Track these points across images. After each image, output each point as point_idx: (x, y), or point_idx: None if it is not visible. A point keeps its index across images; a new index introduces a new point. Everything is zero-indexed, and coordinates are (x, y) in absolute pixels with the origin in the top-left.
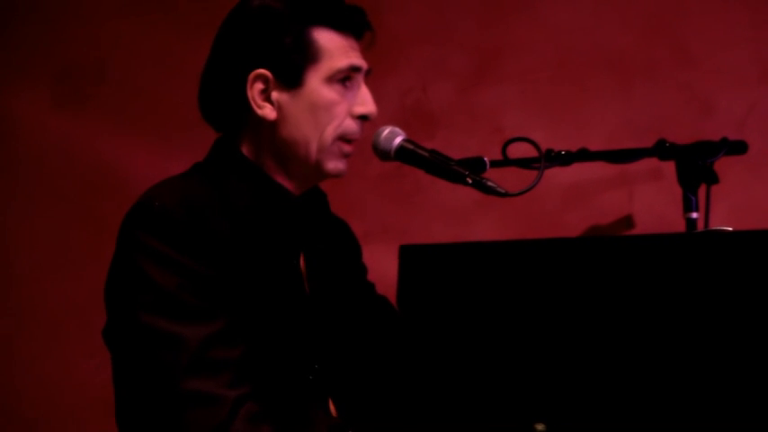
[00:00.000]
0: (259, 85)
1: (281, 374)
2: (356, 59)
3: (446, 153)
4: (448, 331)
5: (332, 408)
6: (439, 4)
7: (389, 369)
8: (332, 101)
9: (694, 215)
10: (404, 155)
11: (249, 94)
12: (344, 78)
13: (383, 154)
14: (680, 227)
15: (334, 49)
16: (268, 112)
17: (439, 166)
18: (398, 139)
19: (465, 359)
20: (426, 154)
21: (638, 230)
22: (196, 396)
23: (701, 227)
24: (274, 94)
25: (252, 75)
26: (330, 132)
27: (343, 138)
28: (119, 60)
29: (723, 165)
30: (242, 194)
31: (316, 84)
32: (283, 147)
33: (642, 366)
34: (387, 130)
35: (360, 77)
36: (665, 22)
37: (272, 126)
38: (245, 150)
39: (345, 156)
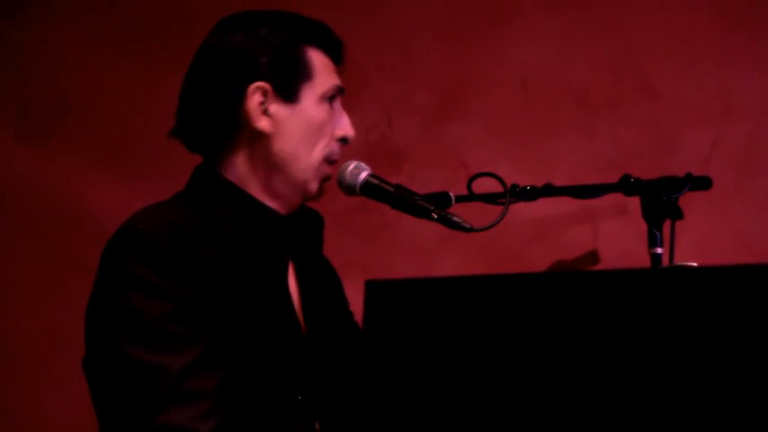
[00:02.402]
0: (258, 98)
1: (270, 395)
2: (339, 80)
3: (411, 188)
4: (414, 366)
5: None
6: (404, 40)
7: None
8: (323, 120)
9: (659, 250)
10: (369, 190)
11: (248, 105)
12: (332, 98)
13: (348, 189)
14: (645, 262)
15: (323, 68)
16: (266, 124)
17: (404, 201)
18: (364, 174)
19: (432, 394)
20: (391, 189)
21: (602, 265)
22: (170, 429)
23: (665, 262)
24: (272, 108)
25: (252, 86)
26: (319, 152)
27: (328, 159)
28: (83, 95)
29: (688, 200)
30: (225, 218)
31: (310, 101)
32: (275, 160)
33: (606, 402)
34: (352, 165)
35: (340, 101)
36: (630, 58)
37: (266, 140)
38: (228, 174)
39: (326, 178)
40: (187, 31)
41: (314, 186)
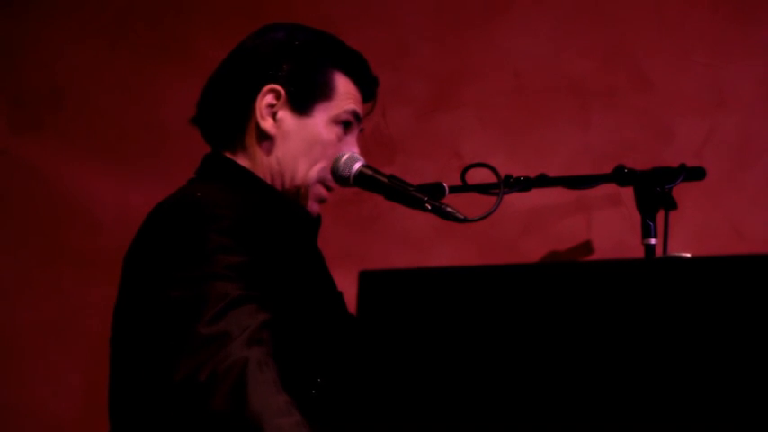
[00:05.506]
0: (270, 99)
1: (286, 386)
2: (359, 109)
3: (405, 179)
4: (408, 357)
5: None
6: (397, 30)
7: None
8: (329, 141)
9: (653, 241)
10: (363, 180)
11: (258, 103)
12: (345, 123)
13: (342, 179)
14: (638, 253)
15: (346, 94)
16: (269, 126)
17: (398, 191)
18: (357, 165)
19: (425, 384)
20: (385, 179)
21: (596, 256)
22: (221, 334)
23: (659, 253)
24: (281, 113)
25: (267, 87)
26: (317, 170)
27: (323, 182)
28: (76, 87)
29: (681, 191)
30: (260, 202)
31: (321, 120)
32: (276, 164)
33: (600, 393)
34: (345, 156)
35: (355, 131)
36: (624, 48)
37: (270, 142)
38: (243, 164)
39: (321, 201)
40: (180, 22)
41: (307, 204)
